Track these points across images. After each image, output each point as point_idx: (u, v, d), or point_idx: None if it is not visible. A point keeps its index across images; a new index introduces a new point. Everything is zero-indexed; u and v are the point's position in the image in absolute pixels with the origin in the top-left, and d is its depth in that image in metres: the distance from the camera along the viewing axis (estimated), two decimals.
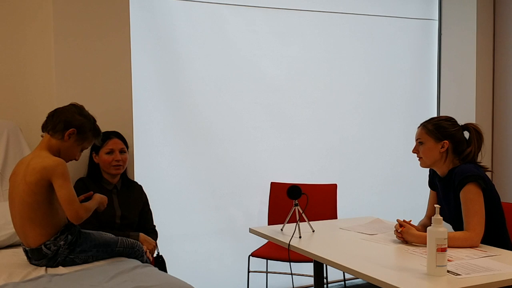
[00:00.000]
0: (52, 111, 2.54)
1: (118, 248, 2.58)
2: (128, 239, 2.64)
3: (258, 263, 3.69)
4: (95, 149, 3.02)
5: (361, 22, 4.26)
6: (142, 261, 2.62)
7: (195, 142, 3.76)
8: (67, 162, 2.47)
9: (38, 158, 2.42)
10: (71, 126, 2.47)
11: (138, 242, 2.69)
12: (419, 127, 2.60)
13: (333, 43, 4.18)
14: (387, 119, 4.41)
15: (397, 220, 2.51)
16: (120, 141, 3.04)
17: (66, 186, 2.36)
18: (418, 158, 2.59)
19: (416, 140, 2.58)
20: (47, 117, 2.53)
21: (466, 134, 2.58)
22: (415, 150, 2.59)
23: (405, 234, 2.43)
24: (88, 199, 2.57)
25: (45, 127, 2.51)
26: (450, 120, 2.57)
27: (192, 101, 3.73)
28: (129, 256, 2.61)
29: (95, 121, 2.59)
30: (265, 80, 3.96)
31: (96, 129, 2.58)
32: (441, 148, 2.51)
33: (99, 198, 2.55)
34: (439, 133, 2.51)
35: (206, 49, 3.74)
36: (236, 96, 3.87)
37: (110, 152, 2.98)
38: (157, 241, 3.07)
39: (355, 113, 4.29)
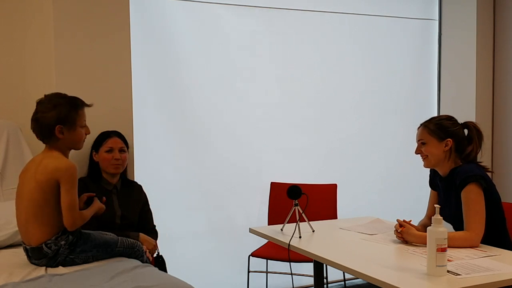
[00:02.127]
0: (31, 123, 2.47)
1: (118, 248, 2.58)
2: (128, 239, 2.64)
3: (258, 263, 3.69)
4: (95, 147, 3.02)
5: (361, 22, 4.26)
6: (142, 261, 2.62)
7: (195, 142, 3.76)
8: (81, 147, 2.52)
9: (51, 158, 2.42)
10: (54, 125, 2.43)
11: (138, 242, 2.69)
12: (419, 127, 2.59)
13: (333, 43, 4.18)
14: (387, 119, 4.41)
15: (397, 220, 2.51)
16: (120, 140, 3.04)
17: (72, 193, 2.38)
18: (422, 158, 2.58)
19: (418, 141, 2.57)
20: (32, 130, 2.49)
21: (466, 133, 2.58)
22: (418, 151, 2.58)
23: (405, 234, 2.42)
24: (90, 200, 2.58)
25: (39, 138, 2.49)
26: (451, 119, 2.57)
27: (192, 101, 3.73)
28: (129, 256, 2.61)
29: (65, 96, 2.48)
30: (265, 80, 3.96)
31: (72, 102, 2.47)
32: (444, 146, 2.51)
33: (97, 207, 2.57)
34: (441, 132, 2.51)
35: (206, 49, 3.74)
36: (235, 96, 3.87)
37: (110, 150, 2.98)
38: (157, 241, 3.07)
39: (355, 113, 4.29)
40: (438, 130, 2.52)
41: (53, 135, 2.44)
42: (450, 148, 2.51)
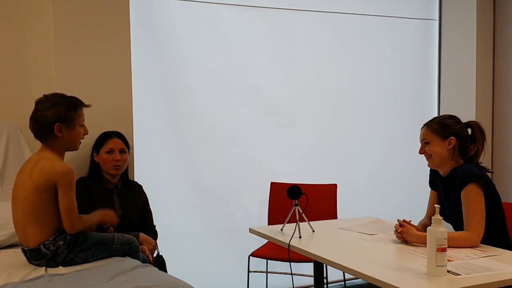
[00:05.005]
0: (29, 122, 2.49)
1: (115, 245, 2.57)
2: (124, 235, 2.63)
3: (258, 263, 3.69)
4: (96, 148, 3.02)
5: (361, 22, 4.26)
6: (138, 257, 2.62)
7: (195, 142, 3.76)
8: (77, 148, 2.52)
9: (47, 160, 2.42)
10: (53, 123, 2.43)
11: (134, 238, 2.68)
12: (422, 127, 2.59)
13: (333, 43, 4.18)
14: (387, 119, 4.41)
15: (397, 220, 2.51)
16: (120, 141, 3.03)
17: (70, 196, 2.38)
18: (426, 158, 2.57)
19: (422, 140, 2.57)
20: (30, 130, 2.49)
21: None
22: (422, 151, 2.57)
23: (405, 234, 2.42)
24: (101, 229, 2.64)
25: (37, 138, 2.49)
26: (454, 118, 2.57)
27: (192, 101, 3.73)
28: (128, 252, 2.61)
29: (64, 95, 2.50)
30: (265, 81, 3.96)
31: (71, 101, 2.49)
32: (448, 145, 2.50)
33: (102, 213, 2.58)
34: (444, 130, 2.51)
35: (206, 49, 3.74)
36: (235, 96, 3.87)
37: (110, 151, 2.98)
38: (157, 241, 3.07)
39: (355, 113, 4.29)
40: (441, 129, 2.52)
41: (51, 133, 2.44)
42: (454, 146, 2.51)
